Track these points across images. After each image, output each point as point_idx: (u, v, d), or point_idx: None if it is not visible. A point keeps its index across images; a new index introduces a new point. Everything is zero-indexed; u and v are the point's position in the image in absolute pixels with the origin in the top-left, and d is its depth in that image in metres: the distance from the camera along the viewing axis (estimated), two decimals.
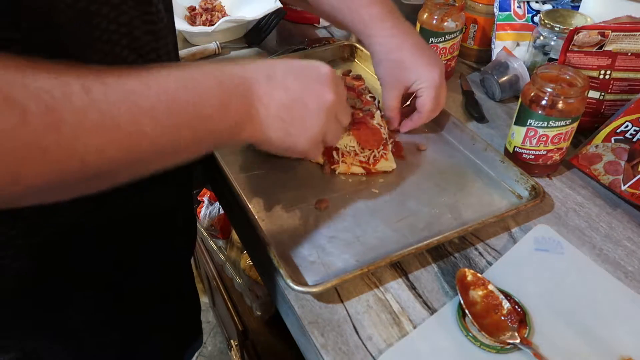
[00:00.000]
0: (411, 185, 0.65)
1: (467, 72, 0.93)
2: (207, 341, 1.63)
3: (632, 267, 0.56)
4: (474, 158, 0.69)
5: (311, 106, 0.48)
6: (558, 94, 0.61)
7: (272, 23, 0.95)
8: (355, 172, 0.66)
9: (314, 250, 0.55)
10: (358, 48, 0.91)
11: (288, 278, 0.49)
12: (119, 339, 0.60)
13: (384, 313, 0.50)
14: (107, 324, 0.58)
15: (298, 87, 0.47)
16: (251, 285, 1.20)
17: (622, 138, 0.65)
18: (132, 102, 0.36)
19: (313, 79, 0.49)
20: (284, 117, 0.47)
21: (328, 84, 0.49)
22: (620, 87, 0.71)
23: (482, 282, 0.51)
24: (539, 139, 0.64)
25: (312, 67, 0.50)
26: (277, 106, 0.46)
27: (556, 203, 0.65)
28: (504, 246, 0.58)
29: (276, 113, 0.46)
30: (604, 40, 0.68)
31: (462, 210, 0.62)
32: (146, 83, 0.37)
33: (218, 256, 1.31)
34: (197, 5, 1.02)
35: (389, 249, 0.56)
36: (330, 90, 0.49)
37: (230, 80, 0.43)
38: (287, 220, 0.59)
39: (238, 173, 0.65)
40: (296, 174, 0.66)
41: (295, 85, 0.47)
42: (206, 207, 1.39)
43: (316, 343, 0.47)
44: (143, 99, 0.36)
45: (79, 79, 0.33)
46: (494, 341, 0.47)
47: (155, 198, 0.55)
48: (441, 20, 0.80)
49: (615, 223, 0.62)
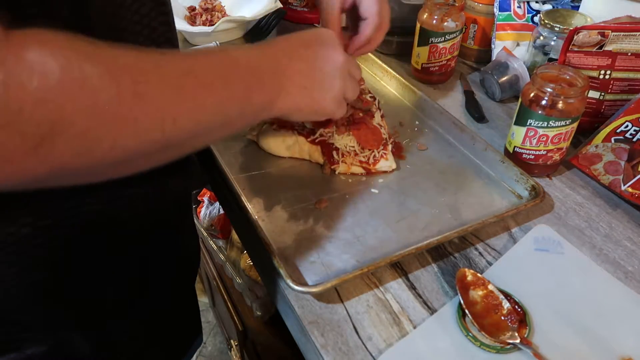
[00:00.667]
0: (411, 185, 0.65)
1: (467, 72, 0.93)
2: (207, 341, 1.63)
3: (632, 267, 0.56)
4: (474, 158, 0.69)
5: (327, 69, 0.54)
6: (558, 94, 0.61)
7: (272, 23, 0.95)
8: (355, 172, 0.66)
9: (314, 250, 0.55)
10: None
11: (288, 278, 0.49)
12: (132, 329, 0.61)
13: (384, 313, 0.50)
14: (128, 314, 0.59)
15: (311, 55, 0.53)
16: (251, 285, 1.20)
17: (622, 138, 0.65)
18: (195, 78, 0.40)
19: (321, 45, 0.54)
20: (306, 84, 0.52)
21: (335, 46, 0.55)
22: (620, 87, 0.71)
23: (482, 282, 0.51)
24: (539, 139, 0.64)
25: (317, 35, 0.55)
26: (299, 76, 0.51)
27: (556, 203, 0.65)
28: (504, 246, 0.58)
29: (299, 82, 0.51)
30: (604, 40, 0.68)
31: (462, 210, 0.62)
32: (201, 62, 0.41)
33: (218, 256, 1.31)
34: (197, 5, 1.02)
35: (389, 249, 0.56)
36: (338, 51, 0.55)
37: (257, 60, 0.48)
38: (287, 220, 0.59)
39: (238, 173, 0.65)
40: (296, 174, 0.66)
41: (308, 54, 0.53)
42: (206, 207, 1.39)
43: (316, 343, 0.47)
44: (202, 75, 0.40)
45: (151, 56, 0.37)
46: (494, 341, 0.47)
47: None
48: (441, 20, 0.80)
49: (615, 223, 0.62)
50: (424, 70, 0.86)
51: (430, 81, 0.88)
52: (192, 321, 0.74)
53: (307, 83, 0.52)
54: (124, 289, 0.56)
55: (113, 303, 0.56)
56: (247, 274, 1.23)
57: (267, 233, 0.56)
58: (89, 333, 0.56)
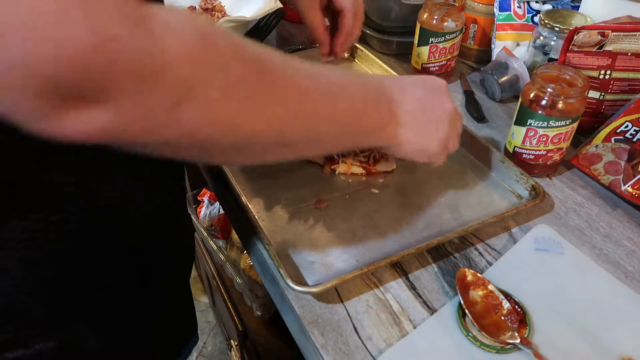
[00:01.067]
0: (411, 185, 0.65)
1: (467, 72, 0.93)
2: (207, 341, 1.63)
3: (632, 267, 0.56)
4: (473, 158, 0.69)
5: (437, 112, 0.54)
6: (558, 94, 0.61)
7: (272, 23, 0.95)
8: (355, 172, 0.66)
9: (314, 250, 0.55)
10: (358, 48, 0.91)
11: (288, 278, 0.49)
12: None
13: (384, 313, 0.50)
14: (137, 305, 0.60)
15: (424, 96, 0.53)
16: (251, 285, 1.20)
17: (622, 138, 0.65)
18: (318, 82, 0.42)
19: (434, 89, 0.54)
20: (418, 120, 0.52)
21: (446, 94, 0.55)
22: (620, 87, 0.71)
23: (482, 282, 0.51)
24: (539, 139, 0.64)
25: (430, 80, 0.56)
26: (411, 111, 0.51)
27: (556, 203, 0.65)
28: (504, 246, 0.58)
29: (411, 117, 0.51)
30: (604, 40, 0.68)
31: (462, 210, 0.62)
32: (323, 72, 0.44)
33: (218, 256, 1.31)
34: (197, 5, 1.02)
35: (389, 249, 0.56)
36: (449, 99, 0.55)
37: (373, 86, 0.50)
38: (287, 220, 0.59)
39: (238, 173, 0.65)
40: (296, 174, 0.66)
41: (421, 94, 0.53)
42: (206, 207, 1.39)
43: (316, 343, 0.47)
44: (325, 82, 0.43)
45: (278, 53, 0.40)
46: (494, 341, 0.47)
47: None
48: (441, 20, 0.80)
49: (615, 223, 0.62)
50: (424, 70, 0.86)
51: None
52: (188, 318, 0.75)
53: (419, 120, 0.52)
54: (129, 283, 0.57)
55: (119, 297, 0.56)
56: (247, 274, 1.23)
57: (267, 233, 0.56)
58: (95, 328, 0.56)
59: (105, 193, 0.46)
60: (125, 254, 0.54)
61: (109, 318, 0.57)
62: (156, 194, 0.53)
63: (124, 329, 0.59)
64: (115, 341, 0.59)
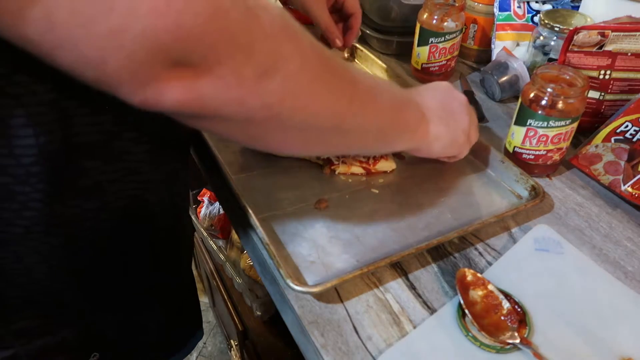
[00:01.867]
0: (411, 185, 0.65)
1: (467, 72, 0.93)
2: (207, 341, 1.63)
3: (632, 267, 0.56)
4: (473, 158, 0.69)
5: (454, 105, 0.59)
6: (558, 94, 0.61)
7: None
8: (355, 172, 0.66)
9: (314, 250, 0.55)
10: (358, 48, 0.91)
11: (288, 278, 0.49)
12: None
13: (384, 313, 0.50)
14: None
15: (438, 94, 0.58)
16: (251, 285, 1.20)
17: (622, 138, 0.65)
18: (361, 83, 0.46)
19: (443, 89, 0.60)
20: (441, 115, 0.56)
21: (454, 89, 0.60)
22: (620, 87, 0.71)
23: (482, 282, 0.51)
24: (539, 139, 0.64)
25: (435, 83, 0.61)
26: (433, 108, 0.56)
27: (556, 203, 0.65)
28: (504, 246, 0.58)
29: (435, 114, 0.56)
30: (604, 40, 0.68)
31: (462, 210, 0.62)
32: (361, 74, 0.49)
33: (218, 256, 1.31)
34: None
35: (389, 249, 0.56)
36: (460, 93, 0.60)
37: (396, 88, 0.56)
38: (287, 221, 0.59)
39: (238, 173, 0.65)
40: (296, 174, 0.66)
41: (435, 93, 0.58)
42: (206, 207, 1.39)
43: (316, 343, 0.47)
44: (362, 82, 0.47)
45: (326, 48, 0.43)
46: (494, 341, 0.47)
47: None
48: (441, 20, 0.80)
49: (615, 223, 0.62)
50: (424, 70, 0.86)
51: (430, 81, 0.87)
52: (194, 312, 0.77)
53: (441, 115, 0.57)
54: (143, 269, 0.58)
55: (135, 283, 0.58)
56: (247, 274, 1.23)
57: (267, 233, 0.55)
58: (115, 315, 0.58)
59: (134, 183, 0.48)
60: (146, 242, 0.56)
61: (126, 305, 0.58)
62: (171, 187, 0.55)
63: (141, 315, 0.61)
64: (132, 328, 0.61)
